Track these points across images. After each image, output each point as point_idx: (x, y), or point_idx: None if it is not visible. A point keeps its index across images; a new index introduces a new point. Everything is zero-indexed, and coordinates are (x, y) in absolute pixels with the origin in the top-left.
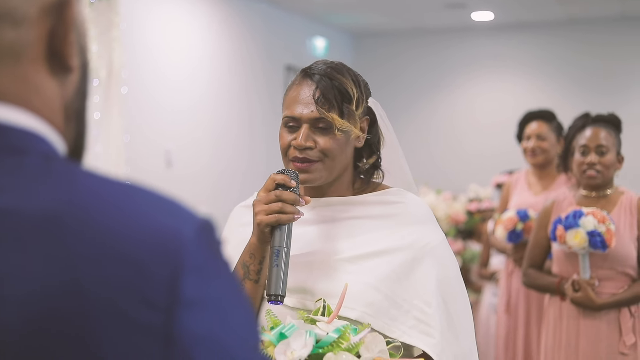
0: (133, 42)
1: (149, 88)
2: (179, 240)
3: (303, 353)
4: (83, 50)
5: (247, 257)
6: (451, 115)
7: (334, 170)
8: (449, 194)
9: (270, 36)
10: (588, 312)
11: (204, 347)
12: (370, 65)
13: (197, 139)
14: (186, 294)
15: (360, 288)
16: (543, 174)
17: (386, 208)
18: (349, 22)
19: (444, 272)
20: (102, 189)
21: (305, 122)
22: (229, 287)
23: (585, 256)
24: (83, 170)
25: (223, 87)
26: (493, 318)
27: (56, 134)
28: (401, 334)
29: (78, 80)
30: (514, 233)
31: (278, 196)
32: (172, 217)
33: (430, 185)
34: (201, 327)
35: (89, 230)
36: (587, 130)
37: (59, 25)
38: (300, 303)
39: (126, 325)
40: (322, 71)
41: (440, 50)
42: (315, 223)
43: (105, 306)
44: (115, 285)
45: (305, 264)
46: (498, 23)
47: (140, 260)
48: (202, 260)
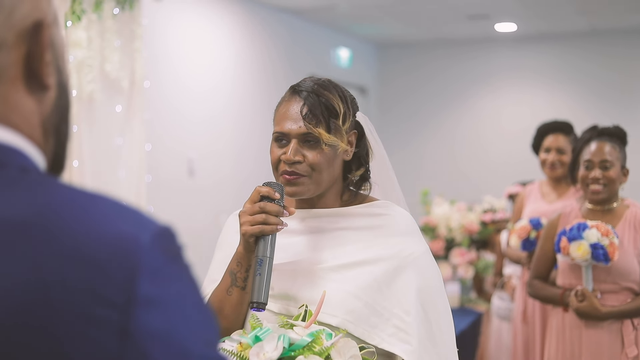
0: (155, 52)
1: (171, 98)
2: (136, 245)
3: (274, 355)
4: (60, 69)
5: (235, 265)
6: (475, 125)
7: (322, 183)
8: (463, 204)
9: (294, 47)
10: (591, 323)
11: (158, 341)
12: (393, 75)
13: (220, 149)
14: (142, 293)
15: (342, 296)
16: (557, 184)
17: (372, 220)
18: (372, 33)
19: (425, 282)
20: (70, 199)
21: (294, 137)
22: (186, 288)
23: (588, 268)
24: (56, 182)
25: (246, 97)
26: (504, 326)
27: (34, 148)
28: (380, 341)
29: (55, 97)
30: (527, 241)
31: (262, 208)
32: (132, 224)
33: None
34: (155, 323)
35: (55, 235)
36: (592, 145)
37: (35, 48)
38: (285, 309)
39: (86, 321)
40: (309, 88)
41: (463, 61)
42: (303, 234)
43: (67, 304)
44: (76, 285)
45: (290, 272)
46: (520, 34)
47: (100, 262)
48: (158, 263)
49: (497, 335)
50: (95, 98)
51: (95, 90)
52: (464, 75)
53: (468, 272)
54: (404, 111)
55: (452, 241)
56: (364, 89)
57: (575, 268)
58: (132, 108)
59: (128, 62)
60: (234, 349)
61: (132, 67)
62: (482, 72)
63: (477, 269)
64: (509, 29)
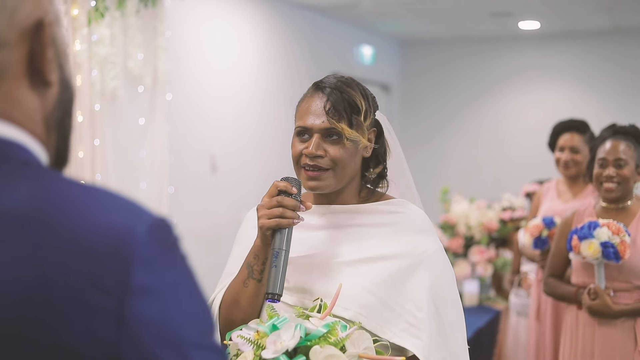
0: (178, 49)
1: (193, 95)
2: (131, 236)
3: (291, 344)
4: (62, 66)
5: (252, 257)
6: (498, 123)
7: (343, 178)
8: (482, 202)
9: (317, 44)
10: (604, 321)
11: (152, 329)
12: (416, 72)
13: (243, 146)
14: (137, 282)
15: (356, 290)
16: (573, 183)
17: (388, 217)
18: (396, 30)
19: (438, 280)
20: (70, 191)
21: (316, 132)
22: (181, 278)
23: (600, 267)
24: (56, 175)
25: (269, 95)
26: (522, 322)
27: (37, 143)
28: (392, 335)
29: (58, 93)
30: (539, 240)
31: (279, 202)
32: (128, 216)
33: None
34: (149, 312)
35: (54, 228)
36: (607, 143)
37: (37, 46)
38: (300, 302)
39: (85, 311)
40: (332, 84)
41: (486, 58)
42: (320, 229)
43: (67, 295)
44: (76, 277)
45: (306, 266)
46: (543, 32)
47: (97, 253)
48: (152, 253)
49: (514, 332)
50: (118, 94)
51: (118, 87)
52: (487, 73)
53: (487, 270)
54: (426, 109)
55: (471, 239)
56: (386, 86)
57: (588, 266)
58: (154, 105)
59: (151, 58)
60: (251, 336)
61: (154, 64)
62: (505, 70)
63: (496, 266)
64: (532, 26)
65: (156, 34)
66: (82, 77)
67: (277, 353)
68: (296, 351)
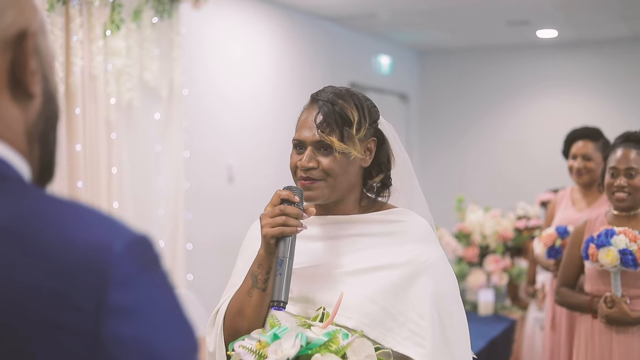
0: (194, 61)
1: (209, 107)
2: (107, 253)
3: (291, 353)
4: (47, 77)
5: (256, 267)
6: (516, 132)
7: (336, 188)
8: (497, 211)
9: (335, 54)
10: (621, 329)
11: (130, 350)
12: (434, 82)
13: (260, 157)
14: (113, 303)
15: (358, 299)
16: (588, 191)
17: (389, 226)
18: (413, 40)
19: (440, 288)
20: (47, 207)
21: (309, 145)
22: (160, 297)
23: (617, 274)
24: (35, 190)
25: (286, 105)
26: (538, 333)
27: (18, 156)
28: (395, 344)
29: (41, 105)
30: (552, 249)
31: (282, 210)
32: (106, 232)
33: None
34: (127, 332)
35: (27, 243)
36: (618, 152)
37: (19, 56)
38: (303, 312)
39: (56, 328)
40: (326, 97)
41: (504, 67)
42: (321, 239)
43: (37, 310)
44: (47, 292)
45: (309, 276)
46: (561, 41)
47: (73, 271)
48: (129, 271)
49: (530, 342)
50: (134, 106)
51: (134, 98)
52: (505, 82)
53: (502, 279)
54: (445, 118)
55: (486, 248)
56: (404, 95)
57: (603, 274)
58: (170, 116)
59: (167, 70)
60: (253, 346)
61: (170, 76)
62: (523, 79)
63: (511, 276)
64: (549, 35)
65: (172, 46)
66: (97, 88)
67: None
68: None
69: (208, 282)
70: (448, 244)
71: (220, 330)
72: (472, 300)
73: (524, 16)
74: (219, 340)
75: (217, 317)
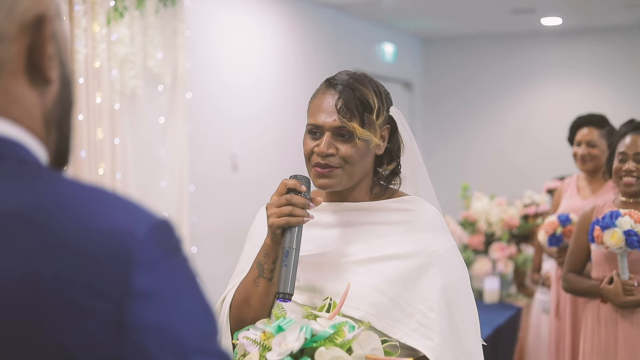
0: (197, 49)
1: (213, 94)
2: (131, 238)
3: (295, 345)
4: (63, 63)
5: (262, 256)
6: (521, 120)
7: (354, 176)
8: (503, 199)
9: (338, 42)
10: (626, 317)
11: (153, 335)
12: (438, 70)
13: (264, 144)
14: (137, 286)
15: (366, 289)
16: (593, 179)
17: (400, 215)
18: (417, 28)
19: (450, 279)
20: (68, 191)
21: (327, 130)
22: (182, 281)
23: (623, 256)
24: (55, 174)
25: (290, 93)
26: (544, 319)
27: (35, 141)
28: (403, 335)
29: (58, 90)
30: (553, 237)
31: (289, 200)
32: (128, 217)
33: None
34: (150, 317)
35: (50, 228)
36: (627, 138)
37: (37, 41)
38: (310, 301)
39: (81, 314)
40: (345, 82)
41: (508, 55)
42: (331, 227)
43: (61, 297)
44: (71, 278)
45: (317, 265)
46: (566, 28)
47: (95, 255)
48: (153, 256)
49: (536, 330)
50: (137, 93)
51: (137, 86)
52: (510, 70)
53: (507, 266)
54: (449, 106)
55: (491, 236)
56: (408, 84)
57: (611, 259)
58: (174, 104)
59: (170, 58)
60: (257, 337)
61: (174, 63)
62: (528, 67)
63: (517, 263)
64: (554, 23)
65: (176, 33)
66: (101, 76)
67: (281, 355)
68: (302, 352)
69: (212, 268)
70: (454, 231)
71: (226, 319)
72: (477, 287)
73: (528, 4)
74: (224, 329)
75: (223, 306)
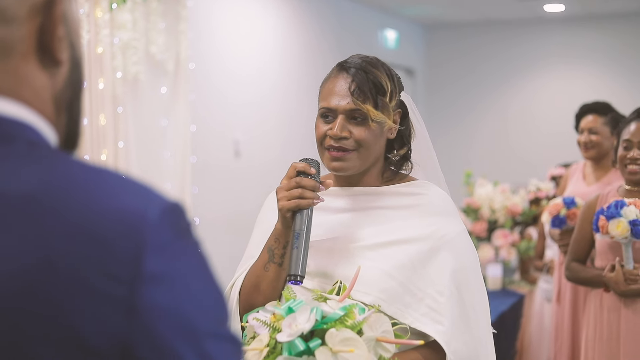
0: (200, 34)
1: (215, 80)
2: (143, 220)
3: (306, 327)
4: (73, 45)
5: (273, 241)
6: (524, 107)
7: (367, 159)
8: (506, 186)
9: (340, 28)
10: (629, 305)
11: (165, 318)
12: (441, 56)
13: (267, 131)
14: (149, 269)
15: (376, 274)
16: (598, 166)
17: (410, 199)
18: (420, 14)
19: (460, 263)
20: (78, 174)
21: (341, 113)
22: (194, 265)
23: (628, 246)
24: (65, 157)
25: (293, 79)
26: (547, 307)
27: (45, 123)
28: (413, 320)
29: (68, 72)
30: (557, 218)
31: (298, 183)
32: (140, 200)
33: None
34: (162, 300)
35: (62, 211)
36: (632, 125)
37: (47, 22)
38: (320, 287)
39: (93, 297)
40: (358, 65)
41: (511, 42)
42: (342, 211)
43: (74, 280)
44: (83, 261)
45: (327, 250)
46: (569, 14)
47: (107, 238)
48: (165, 239)
49: (539, 317)
50: (140, 79)
51: (140, 72)
52: (512, 56)
53: (510, 254)
54: (451, 93)
55: (494, 223)
56: (411, 70)
57: (615, 248)
58: (177, 90)
59: (173, 44)
60: (267, 319)
61: (177, 49)
62: (530, 53)
63: (520, 250)
64: (557, 9)
65: (178, 19)
66: (104, 62)
67: (292, 336)
68: (312, 334)
69: (214, 257)
70: None
71: (235, 304)
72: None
73: None
74: (233, 314)
75: (233, 291)
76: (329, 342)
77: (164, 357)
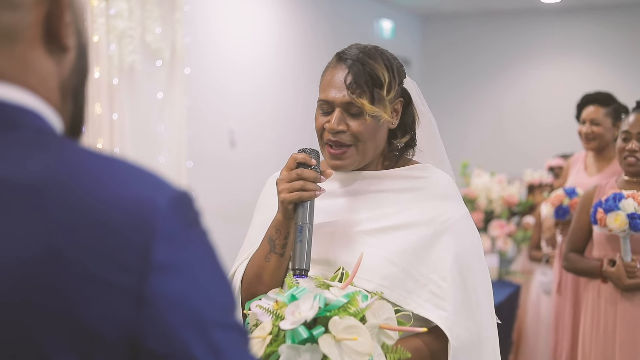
0: (196, 24)
1: (211, 70)
2: (152, 209)
3: (309, 314)
4: (80, 31)
5: (273, 232)
6: (520, 98)
7: (367, 153)
8: (503, 176)
9: (336, 18)
10: (626, 298)
11: (174, 307)
12: (436, 47)
13: (262, 121)
14: (158, 259)
15: (378, 261)
16: (600, 156)
17: (411, 182)
18: (416, 4)
19: (463, 248)
20: (86, 162)
21: (337, 106)
22: (203, 254)
23: (626, 239)
24: (71, 144)
25: (288, 69)
26: (543, 299)
27: (51, 110)
28: (416, 306)
29: (74, 59)
30: (560, 209)
31: (299, 174)
32: (148, 188)
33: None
34: (171, 289)
35: (70, 199)
36: (631, 116)
37: (54, 8)
38: (322, 274)
39: (101, 288)
40: (354, 56)
41: (508, 32)
42: (342, 195)
43: (82, 270)
44: (91, 251)
45: (328, 235)
46: (565, 5)
47: (116, 227)
48: (174, 228)
49: (535, 308)
50: (136, 68)
51: (136, 61)
52: (509, 47)
53: (507, 244)
54: (447, 83)
55: (491, 213)
56: (406, 61)
57: (612, 239)
58: (172, 79)
59: (169, 32)
60: (270, 307)
61: (173, 38)
62: (527, 45)
63: (515, 241)
64: (553, 0)
65: (174, 8)
66: (100, 51)
67: (295, 324)
68: (315, 322)
69: None
70: None
71: (237, 293)
72: None
73: None
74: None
75: (234, 281)
76: (332, 329)
77: (171, 347)
